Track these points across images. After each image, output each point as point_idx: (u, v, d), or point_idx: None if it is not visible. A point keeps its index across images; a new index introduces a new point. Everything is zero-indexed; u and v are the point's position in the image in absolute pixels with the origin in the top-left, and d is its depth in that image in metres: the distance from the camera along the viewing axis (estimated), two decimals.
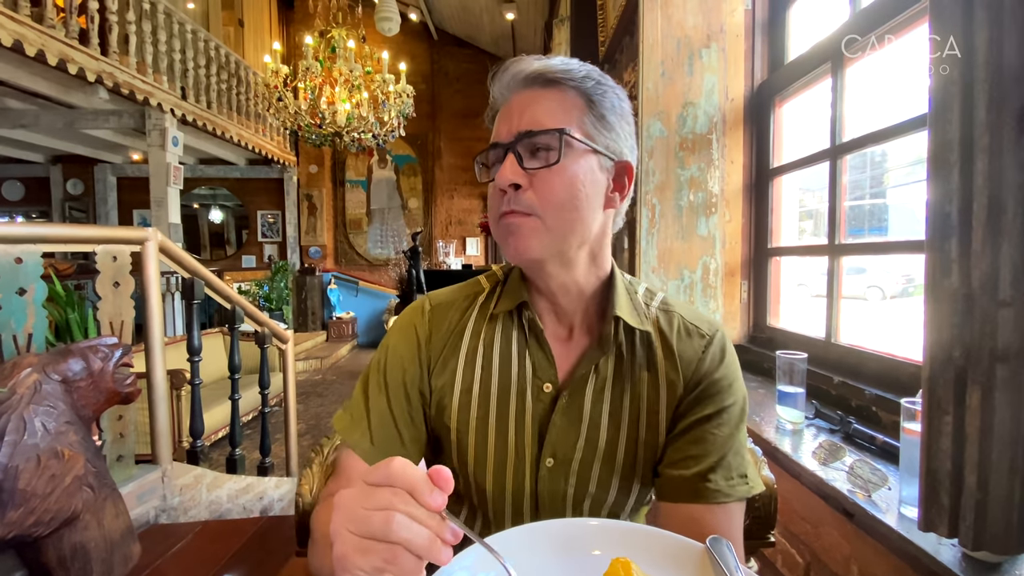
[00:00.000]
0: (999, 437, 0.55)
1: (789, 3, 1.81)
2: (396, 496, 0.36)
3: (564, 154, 0.58)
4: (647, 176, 1.94)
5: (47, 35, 4.01)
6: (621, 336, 0.65)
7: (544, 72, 0.60)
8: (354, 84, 3.92)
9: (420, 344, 0.68)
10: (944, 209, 0.57)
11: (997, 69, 0.53)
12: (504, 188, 0.59)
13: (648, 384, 0.64)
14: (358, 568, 0.35)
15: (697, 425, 0.62)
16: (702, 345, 0.65)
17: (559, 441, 0.64)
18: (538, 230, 0.59)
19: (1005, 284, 0.53)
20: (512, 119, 0.60)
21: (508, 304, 0.67)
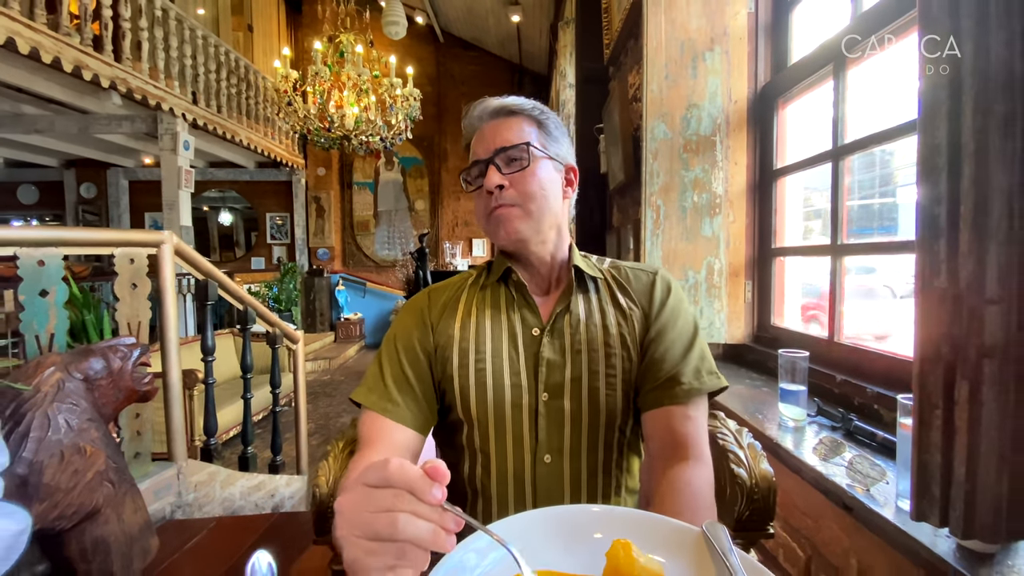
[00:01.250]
0: (986, 430, 0.57)
1: (792, 6, 1.83)
2: (397, 497, 0.38)
3: (531, 160, 0.79)
4: (651, 178, 1.96)
5: (63, 42, 4.09)
6: (585, 282, 0.85)
7: (506, 106, 0.83)
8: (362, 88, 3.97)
9: (423, 312, 0.86)
10: (933, 211, 0.59)
11: (983, 76, 0.55)
12: (491, 189, 0.77)
13: (615, 316, 0.83)
14: (371, 569, 0.38)
15: (661, 346, 0.80)
16: (649, 281, 0.86)
17: (551, 371, 0.79)
18: (521, 216, 0.79)
19: (992, 283, 0.56)
20: (487, 141, 0.80)
21: (496, 275, 0.86)
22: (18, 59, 3.98)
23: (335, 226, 8.32)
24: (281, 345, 2.63)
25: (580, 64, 3.55)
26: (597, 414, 0.78)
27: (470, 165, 0.83)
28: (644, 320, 0.83)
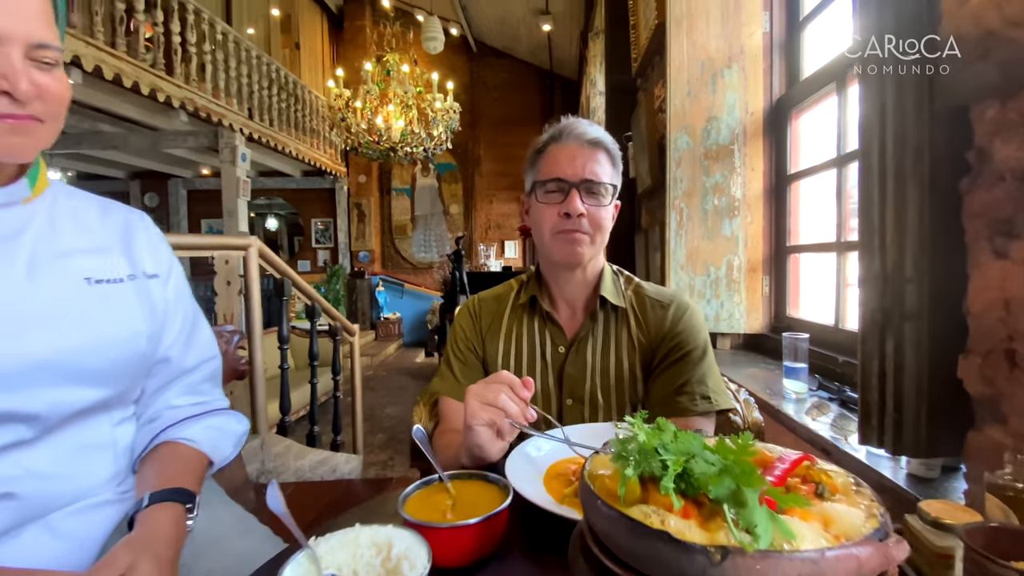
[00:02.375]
0: (908, 373, 0.78)
1: (804, 25, 2.01)
2: (502, 387, 0.65)
3: (609, 199, 0.92)
4: (675, 183, 2.17)
5: (140, 68, 4.57)
6: (608, 309, 0.97)
7: (597, 139, 0.92)
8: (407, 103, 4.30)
9: (474, 319, 1.03)
10: (870, 214, 0.81)
11: (900, 119, 0.77)
12: (573, 213, 0.88)
13: (627, 348, 0.96)
14: (479, 419, 0.64)
15: (666, 367, 0.92)
16: (663, 313, 0.96)
17: (573, 384, 0.95)
18: (588, 243, 0.91)
19: (908, 267, 0.77)
20: (575, 166, 0.90)
21: (524, 299, 1.01)
22: (101, 83, 4.47)
23: (375, 230, 8.74)
24: (341, 337, 2.94)
25: (609, 75, 3.76)
26: (610, 416, 0.93)
27: (551, 179, 0.91)
28: (650, 350, 0.94)
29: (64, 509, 0.63)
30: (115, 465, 0.69)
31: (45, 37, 0.59)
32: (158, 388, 0.76)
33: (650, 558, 0.30)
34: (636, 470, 0.34)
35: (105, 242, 0.71)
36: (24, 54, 0.57)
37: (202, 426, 0.77)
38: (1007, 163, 0.66)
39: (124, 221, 0.76)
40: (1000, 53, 0.63)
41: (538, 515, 0.56)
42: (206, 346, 0.82)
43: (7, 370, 0.56)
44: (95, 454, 0.66)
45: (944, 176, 0.75)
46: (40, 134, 0.60)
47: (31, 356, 0.58)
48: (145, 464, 0.71)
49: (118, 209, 0.78)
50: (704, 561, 0.28)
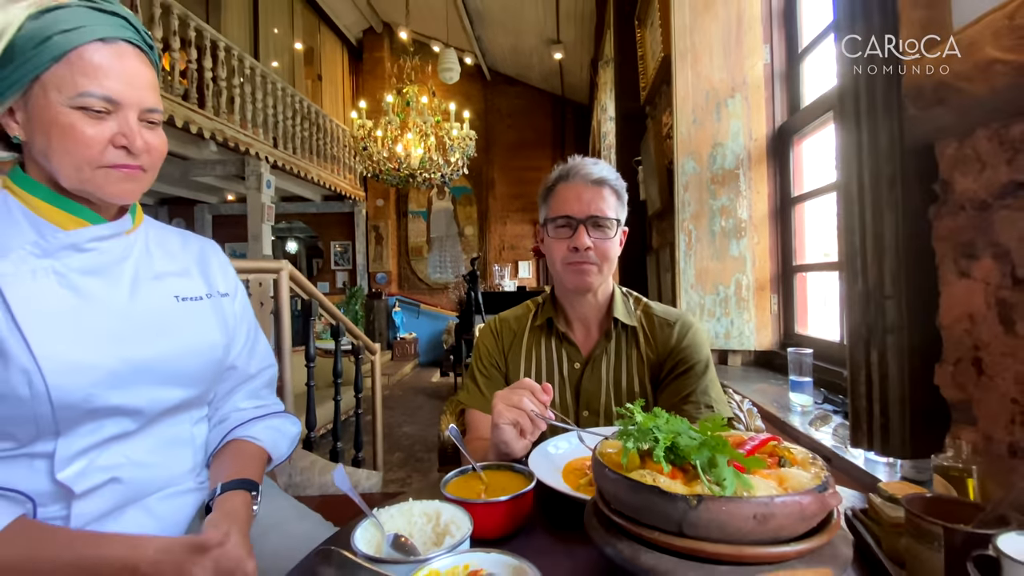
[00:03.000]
0: (891, 381, 0.86)
1: (803, 57, 2.13)
2: (525, 391, 0.75)
3: (615, 232, 1.02)
4: (683, 207, 2.27)
5: (176, 103, 4.85)
6: (620, 329, 1.07)
7: (602, 178, 1.03)
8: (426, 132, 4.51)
9: (496, 338, 1.14)
10: (852, 238, 0.91)
11: (874, 155, 0.87)
12: (580, 247, 0.99)
13: (636, 364, 1.06)
14: (504, 418, 0.74)
15: (673, 379, 1.02)
16: (670, 331, 1.06)
17: (589, 397, 1.06)
18: (596, 273, 1.01)
19: (887, 284, 0.86)
20: (582, 203, 1.01)
21: (541, 321, 1.11)
22: None
23: (392, 252, 8.95)
24: (364, 355, 3.06)
25: (619, 102, 3.91)
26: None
27: (560, 216, 1.02)
28: (658, 364, 1.04)
29: (157, 494, 0.74)
30: (194, 459, 0.80)
31: (153, 103, 0.72)
32: (227, 392, 0.88)
33: (645, 508, 0.39)
34: (635, 444, 0.43)
35: (187, 266, 0.84)
36: (138, 116, 0.69)
37: (263, 426, 0.88)
38: (965, 194, 0.76)
39: (199, 248, 0.90)
40: (953, 100, 0.73)
41: (557, 500, 0.65)
42: (265, 355, 0.94)
43: (118, 371, 0.68)
44: (179, 448, 0.78)
45: (915, 204, 0.84)
46: (144, 181, 0.73)
47: (136, 360, 0.70)
48: (218, 458, 0.82)
49: (194, 238, 0.91)
50: (684, 506, 0.37)
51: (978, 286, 0.74)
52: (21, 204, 0.69)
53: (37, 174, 0.70)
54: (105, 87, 0.65)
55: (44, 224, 0.69)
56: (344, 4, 8.18)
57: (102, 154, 0.66)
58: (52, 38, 0.63)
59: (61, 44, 0.63)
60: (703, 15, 2.28)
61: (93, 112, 0.65)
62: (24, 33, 0.63)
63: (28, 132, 0.67)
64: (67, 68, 0.64)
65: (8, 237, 0.66)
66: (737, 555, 0.36)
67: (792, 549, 0.37)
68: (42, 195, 0.69)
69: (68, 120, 0.64)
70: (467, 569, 0.42)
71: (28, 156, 0.71)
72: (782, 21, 2.20)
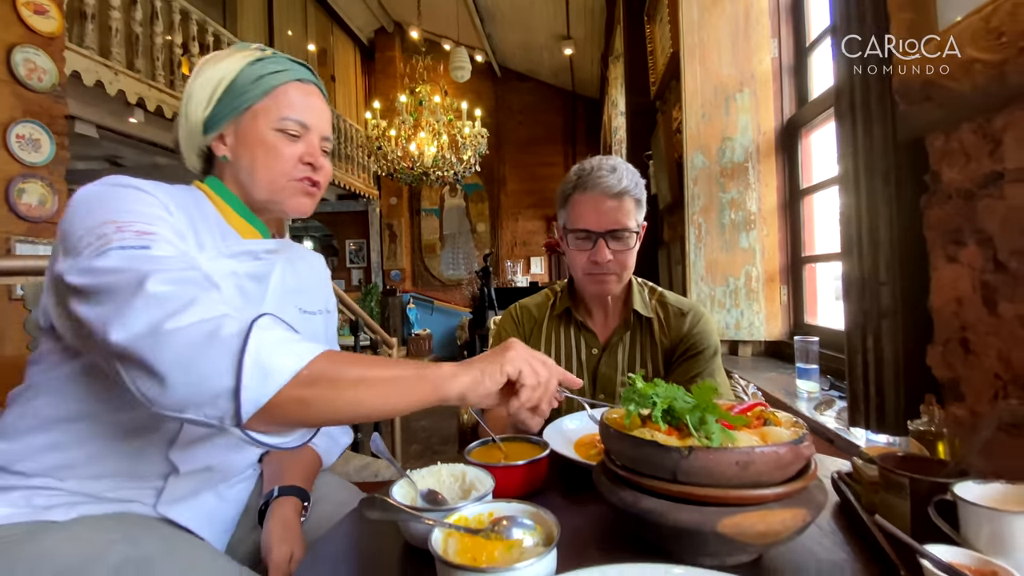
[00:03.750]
0: (886, 363, 0.91)
1: (810, 51, 2.15)
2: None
3: (634, 241, 1.06)
4: (693, 200, 2.32)
5: None
6: (637, 319, 1.13)
7: (622, 190, 1.03)
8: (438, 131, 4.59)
9: (517, 324, 1.19)
10: (849, 228, 0.96)
11: (869, 149, 0.92)
12: (600, 261, 1.03)
13: (650, 346, 1.12)
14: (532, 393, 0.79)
15: (683, 362, 1.09)
16: (683, 320, 1.12)
17: (605, 382, 1.12)
18: (616, 282, 1.07)
19: (882, 272, 0.91)
20: (600, 215, 1.03)
21: (560, 310, 1.17)
22: (160, 120, 4.90)
23: (405, 249, 9.07)
24: (381, 350, 3.15)
25: (629, 97, 3.94)
26: None
27: (580, 229, 1.04)
28: (671, 349, 1.11)
29: (228, 481, 0.83)
30: (254, 455, 0.89)
31: (329, 132, 0.87)
32: None
33: (644, 460, 0.46)
34: (636, 408, 0.50)
35: (309, 282, 0.96)
36: (318, 142, 0.84)
37: (321, 432, 0.96)
38: (952, 184, 0.81)
39: (317, 265, 1.01)
40: (939, 96, 0.78)
41: (569, 469, 0.72)
42: None
43: None
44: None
45: (907, 195, 0.89)
46: (316, 198, 0.86)
47: None
48: (275, 458, 0.90)
49: (311, 255, 1.02)
50: (678, 456, 0.43)
51: (964, 270, 0.79)
52: (215, 209, 0.81)
53: (233, 188, 0.83)
54: (300, 115, 0.82)
55: (229, 230, 0.81)
56: (356, 5, 8.28)
57: (294, 168, 0.81)
58: (264, 78, 0.80)
59: (271, 82, 0.80)
60: (711, 10, 2.32)
61: (289, 135, 0.81)
62: (243, 75, 0.79)
63: (235, 151, 0.81)
64: (273, 100, 0.80)
65: (205, 234, 0.77)
66: (723, 497, 0.43)
67: (771, 492, 0.43)
68: (234, 205, 0.82)
69: (271, 140, 0.80)
70: (491, 516, 0.49)
71: (226, 173, 0.83)
72: (790, 15, 2.22)
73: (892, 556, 0.44)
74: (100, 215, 0.63)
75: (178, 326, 0.52)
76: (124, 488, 0.72)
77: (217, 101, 0.79)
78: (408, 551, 0.56)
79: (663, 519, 0.43)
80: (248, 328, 0.53)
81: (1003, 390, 0.73)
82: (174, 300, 0.54)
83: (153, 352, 0.52)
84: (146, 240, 0.61)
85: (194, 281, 0.58)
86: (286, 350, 0.54)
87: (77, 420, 0.70)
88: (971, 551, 0.43)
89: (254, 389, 0.52)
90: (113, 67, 4.16)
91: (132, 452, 0.72)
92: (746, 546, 0.43)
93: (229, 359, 0.52)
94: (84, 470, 0.70)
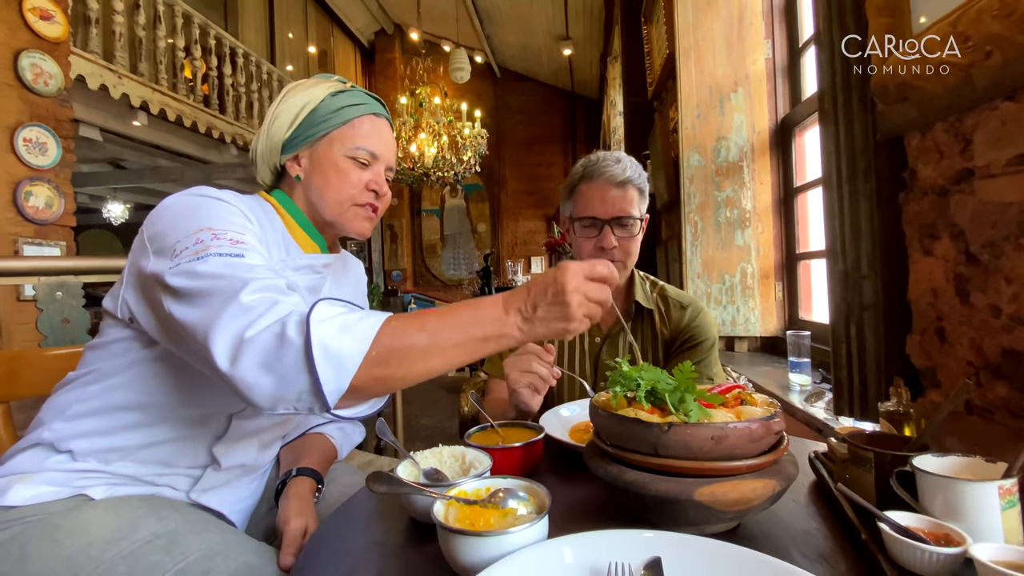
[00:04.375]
0: (869, 353, 0.95)
1: (803, 51, 2.19)
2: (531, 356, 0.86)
3: (638, 230, 1.09)
4: (689, 199, 2.36)
5: (198, 109, 5.04)
6: (638, 310, 1.16)
7: (626, 180, 1.08)
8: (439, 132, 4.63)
9: None
10: (833, 224, 1.00)
11: (850, 149, 0.96)
12: (607, 248, 1.07)
13: (650, 337, 1.16)
14: (520, 383, 0.84)
15: (682, 352, 1.13)
16: (683, 313, 1.16)
17: (606, 369, 1.13)
18: (621, 269, 1.09)
19: (864, 265, 0.95)
20: (607, 204, 1.07)
21: None
22: (163, 123, 4.95)
23: (406, 250, 9.12)
24: None
25: (627, 98, 3.98)
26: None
27: (586, 216, 1.08)
28: (671, 340, 1.14)
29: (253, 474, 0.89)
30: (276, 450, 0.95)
31: (394, 163, 0.93)
32: None
33: (629, 435, 0.50)
34: (622, 390, 0.54)
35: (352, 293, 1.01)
36: (383, 171, 0.90)
37: (336, 427, 1.02)
38: (927, 181, 0.85)
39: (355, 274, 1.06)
40: (914, 97, 0.82)
41: (564, 452, 0.76)
42: None
43: None
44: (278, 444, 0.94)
45: (887, 192, 0.93)
46: (374, 223, 0.92)
47: None
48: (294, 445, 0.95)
49: (353, 262, 1.06)
50: (658, 431, 0.47)
51: (939, 263, 0.83)
52: (281, 221, 0.86)
53: (300, 204, 0.88)
54: (372, 145, 0.88)
55: (292, 243, 0.86)
56: (356, 7, 8.33)
57: (360, 193, 0.87)
58: (344, 108, 0.86)
59: (349, 113, 0.86)
60: (706, 12, 2.36)
61: (360, 163, 0.87)
62: (324, 104, 0.85)
63: (308, 172, 0.87)
64: (350, 130, 0.87)
65: (272, 243, 0.82)
66: (699, 468, 0.46)
67: (744, 463, 0.47)
68: (299, 220, 0.87)
69: (344, 165, 0.86)
70: (488, 490, 0.53)
71: (296, 190, 0.88)
72: (783, 16, 2.26)
73: (855, 521, 0.48)
74: (194, 222, 0.68)
75: (256, 332, 0.56)
76: (164, 475, 0.78)
77: (299, 124, 0.85)
78: (413, 526, 0.60)
79: (645, 489, 0.47)
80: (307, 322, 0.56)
81: (975, 376, 0.77)
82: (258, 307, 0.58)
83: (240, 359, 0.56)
84: (240, 248, 0.65)
85: (278, 288, 0.62)
86: (350, 335, 0.56)
87: (136, 409, 0.74)
88: (927, 516, 0.47)
89: (333, 381, 0.55)
90: (117, 71, 4.21)
91: (180, 443, 0.77)
92: (721, 513, 0.47)
93: (300, 358, 0.55)
94: (133, 456, 0.75)
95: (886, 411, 0.62)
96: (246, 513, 0.87)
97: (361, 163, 0.86)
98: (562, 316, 0.59)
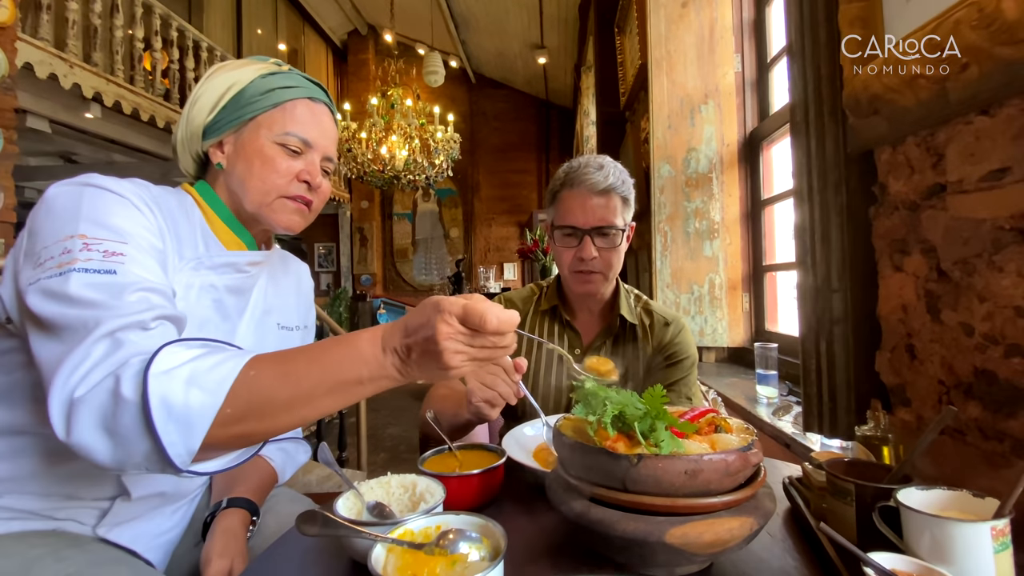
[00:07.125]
0: (839, 369, 0.93)
1: (771, 67, 2.22)
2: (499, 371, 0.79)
3: (620, 240, 1.04)
4: (659, 209, 2.35)
5: (156, 102, 4.82)
6: (622, 324, 1.12)
7: (608, 187, 1.02)
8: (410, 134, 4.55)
9: None
10: (803, 238, 0.98)
11: (822, 162, 0.94)
12: (586, 258, 1.02)
13: (632, 351, 1.12)
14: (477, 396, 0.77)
15: (663, 368, 1.10)
16: (666, 329, 1.13)
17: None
18: (602, 281, 1.06)
19: (834, 279, 0.93)
20: (587, 212, 1.02)
21: (546, 306, 1.15)
22: (118, 116, 4.71)
23: (377, 254, 8.94)
24: None
25: (600, 108, 4.00)
26: None
27: (566, 225, 1.03)
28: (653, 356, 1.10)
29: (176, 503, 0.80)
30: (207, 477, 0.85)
31: (333, 154, 0.85)
32: None
33: (595, 467, 0.45)
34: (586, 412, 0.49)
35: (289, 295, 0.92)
36: (319, 161, 0.82)
37: (277, 448, 0.92)
38: (898, 196, 0.83)
39: (298, 276, 0.97)
40: (886, 110, 0.81)
41: (527, 476, 0.71)
42: None
43: None
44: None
45: (858, 206, 0.92)
46: (308, 218, 0.83)
47: None
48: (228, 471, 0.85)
49: (294, 263, 0.97)
50: (627, 464, 0.43)
51: (909, 279, 0.82)
52: (201, 215, 0.78)
53: (223, 196, 0.80)
54: (304, 132, 0.80)
55: (212, 238, 0.78)
56: (329, 6, 8.17)
57: (288, 184, 0.79)
58: (275, 91, 0.78)
59: (280, 96, 0.79)
60: (678, 24, 2.37)
61: (290, 150, 0.79)
62: (252, 85, 0.78)
63: (232, 160, 0.79)
64: (280, 114, 0.79)
65: (187, 239, 0.74)
66: (671, 506, 0.42)
67: (719, 500, 0.42)
68: (221, 213, 0.79)
69: (271, 152, 0.78)
70: (439, 529, 0.47)
71: (219, 180, 0.81)
72: (752, 32, 2.29)
73: (838, 564, 0.44)
74: (67, 224, 0.59)
75: (87, 391, 0.49)
76: (66, 508, 0.68)
77: (222, 107, 0.77)
78: (354, 568, 0.53)
79: (612, 529, 0.42)
80: (143, 378, 0.48)
81: (946, 395, 0.75)
82: (95, 354, 0.50)
83: (74, 422, 0.48)
84: (113, 263, 0.57)
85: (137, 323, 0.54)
86: (199, 387, 0.49)
87: (27, 433, 0.64)
88: (913, 558, 0.43)
89: (180, 444, 0.48)
90: (68, 60, 3.98)
91: (82, 471, 0.67)
92: (694, 556, 0.42)
93: (137, 419, 0.47)
94: (26, 486, 0.65)
95: (863, 435, 0.60)
96: (167, 548, 0.78)
97: (292, 150, 0.79)
98: (438, 365, 0.51)
